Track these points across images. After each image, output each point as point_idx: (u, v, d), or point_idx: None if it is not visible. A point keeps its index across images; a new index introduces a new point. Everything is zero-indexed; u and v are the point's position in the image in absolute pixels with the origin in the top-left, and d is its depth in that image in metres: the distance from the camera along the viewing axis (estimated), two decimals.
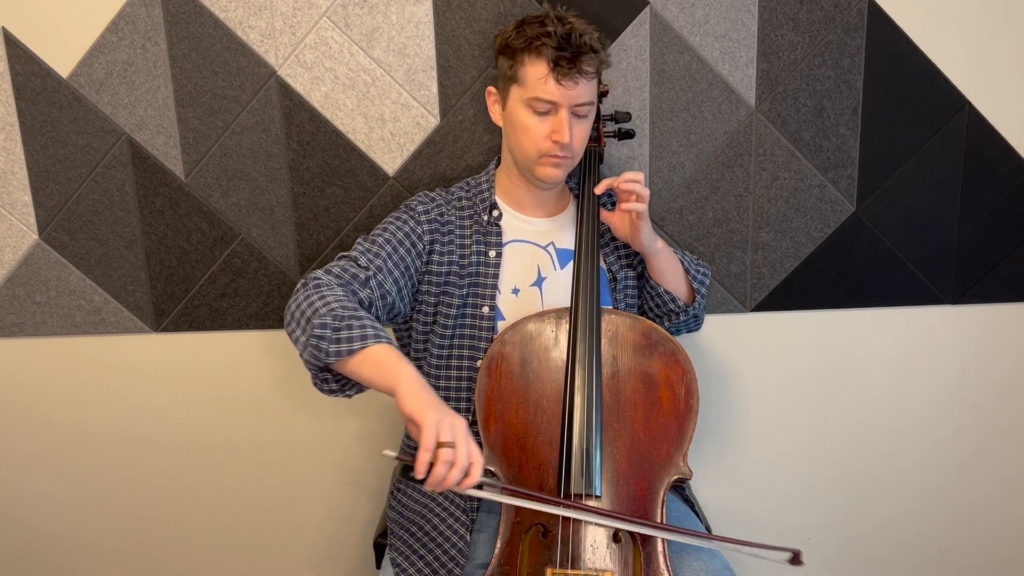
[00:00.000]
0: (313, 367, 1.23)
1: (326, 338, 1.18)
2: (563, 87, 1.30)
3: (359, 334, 1.18)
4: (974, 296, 1.78)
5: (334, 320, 1.19)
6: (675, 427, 1.31)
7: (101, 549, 1.87)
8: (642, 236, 1.40)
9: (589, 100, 1.34)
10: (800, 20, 1.62)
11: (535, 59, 1.31)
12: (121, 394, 1.77)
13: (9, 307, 1.71)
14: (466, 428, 1.12)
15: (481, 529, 1.39)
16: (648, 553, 1.24)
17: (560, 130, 1.32)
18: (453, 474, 1.08)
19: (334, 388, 1.26)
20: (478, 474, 1.10)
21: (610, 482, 1.27)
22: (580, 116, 1.34)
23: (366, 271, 1.32)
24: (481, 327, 1.40)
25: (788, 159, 1.69)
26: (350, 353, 1.18)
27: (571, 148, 1.34)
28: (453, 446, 1.08)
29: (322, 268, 1.33)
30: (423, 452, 1.07)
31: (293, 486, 1.84)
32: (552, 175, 1.38)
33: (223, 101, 1.62)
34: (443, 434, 1.08)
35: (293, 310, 1.26)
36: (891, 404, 1.84)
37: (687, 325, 1.57)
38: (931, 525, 1.92)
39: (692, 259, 1.56)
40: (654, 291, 1.48)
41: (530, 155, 1.36)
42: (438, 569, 1.33)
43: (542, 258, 1.45)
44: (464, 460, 1.08)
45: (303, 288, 1.28)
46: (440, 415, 1.10)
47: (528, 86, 1.32)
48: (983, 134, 1.69)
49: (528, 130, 1.34)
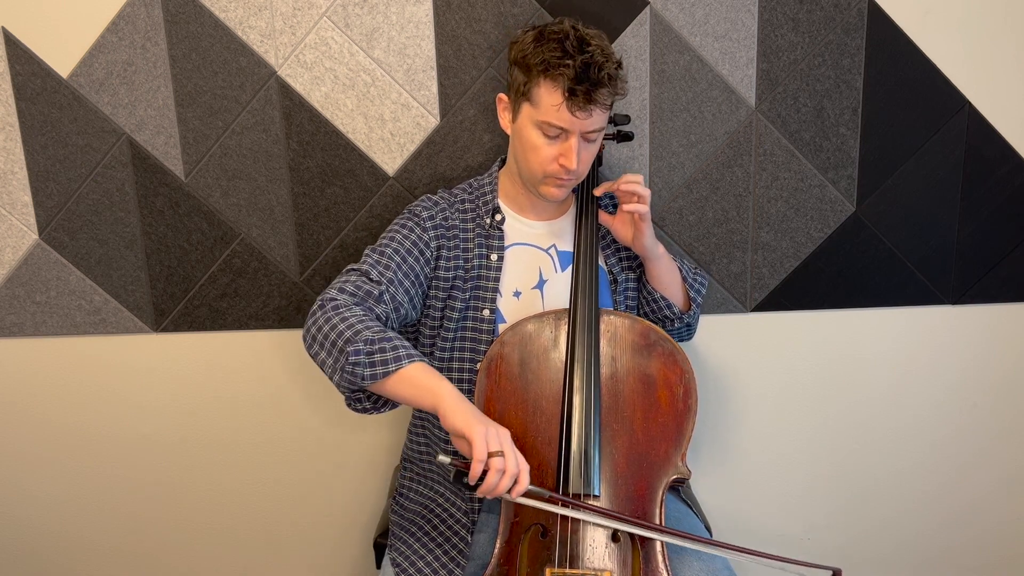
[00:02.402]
0: (346, 389, 1.23)
1: (361, 363, 1.18)
2: (576, 117, 1.28)
3: (392, 356, 1.19)
4: (974, 296, 1.78)
5: (366, 344, 1.19)
6: (674, 427, 1.31)
7: (101, 549, 1.87)
8: (644, 239, 1.40)
9: (600, 127, 1.33)
10: (800, 20, 1.62)
11: (550, 85, 1.28)
12: (121, 394, 1.77)
13: (9, 307, 1.71)
14: (510, 437, 1.16)
15: (482, 529, 1.39)
16: (647, 553, 1.24)
17: (568, 155, 1.31)
18: (504, 482, 1.13)
19: (368, 407, 1.27)
20: (526, 481, 1.15)
21: (609, 482, 1.27)
22: (589, 141, 1.34)
23: (379, 286, 1.32)
24: (482, 330, 1.40)
25: (788, 159, 1.69)
26: (385, 376, 1.19)
27: (577, 172, 1.34)
28: (502, 455, 1.13)
29: (335, 287, 1.31)
30: (476, 463, 1.12)
31: (293, 486, 1.84)
32: (555, 195, 1.38)
33: (223, 101, 1.62)
34: (492, 444, 1.13)
35: (315, 332, 1.25)
36: (891, 404, 1.84)
37: (679, 333, 1.56)
38: (931, 525, 1.92)
39: (691, 267, 1.56)
40: (651, 296, 1.49)
41: (536, 174, 1.36)
42: (438, 569, 1.33)
43: (543, 261, 1.45)
44: (514, 468, 1.14)
45: (321, 311, 1.26)
46: (487, 427, 1.13)
47: (541, 109, 1.30)
48: (983, 134, 1.69)
49: (537, 150, 1.33)
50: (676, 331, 1.55)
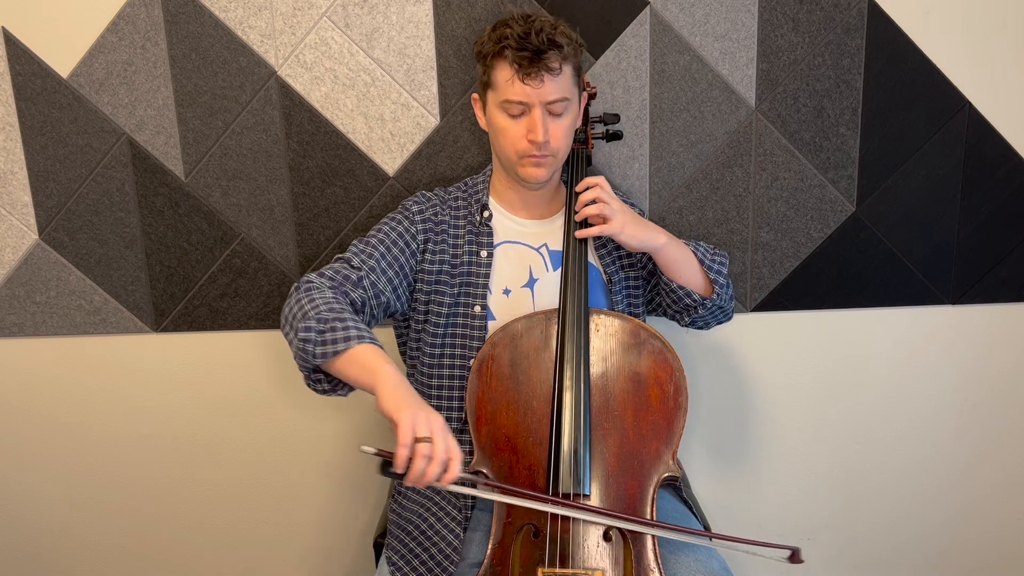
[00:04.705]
0: (304, 368, 1.25)
1: (311, 340, 1.21)
2: (529, 87, 1.30)
3: (343, 335, 1.20)
4: (974, 296, 1.78)
5: (319, 323, 1.21)
6: (664, 425, 1.31)
7: (101, 549, 1.87)
8: (624, 238, 1.38)
9: (561, 97, 1.33)
10: (800, 20, 1.62)
11: (501, 62, 1.32)
12: (121, 394, 1.77)
13: (9, 307, 1.72)
14: (443, 423, 1.13)
15: (476, 527, 1.39)
16: (639, 551, 1.24)
17: (534, 129, 1.32)
18: (432, 468, 1.09)
19: (326, 388, 1.28)
20: (457, 468, 1.11)
21: (600, 481, 1.28)
22: (555, 114, 1.35)
23: (358, 271, 1.35)
24: (472, 326, 1.41)
25: (788, 159, 1.69)
26: (335, 354, 1.20)
27: (549, 146, 1.35)
28: (431, 441, 1.09)
29: (315, 272, 1.35)
30: (400, 448, 1.09)
31: (293, 486, 1.84)
32: (534, 174, 1.38)
33: (223, 101, 1.62)
34: (420, 429, 1.10)
35: (286, 313, 1.29)
36: (891, 404, 1.84)
37: (715, 317, 1.52)
38: (931, 525, 1.92)
39: (707, 249, 1.49)
40: (667, 287, 1.45)
41: (511, 157, 1.37)
42: (432, 568, 1.33)
43: (534, 259, 1.45)
44: (442, 454, 1.10)
45: (295, 292, 1.30)
46: (415, 411, 1.11)
47: (499, 89, 1.33)
48: (983, 134, 1.69)
49: (505, 132, 1.35)
50: (710, 314, 1.50)
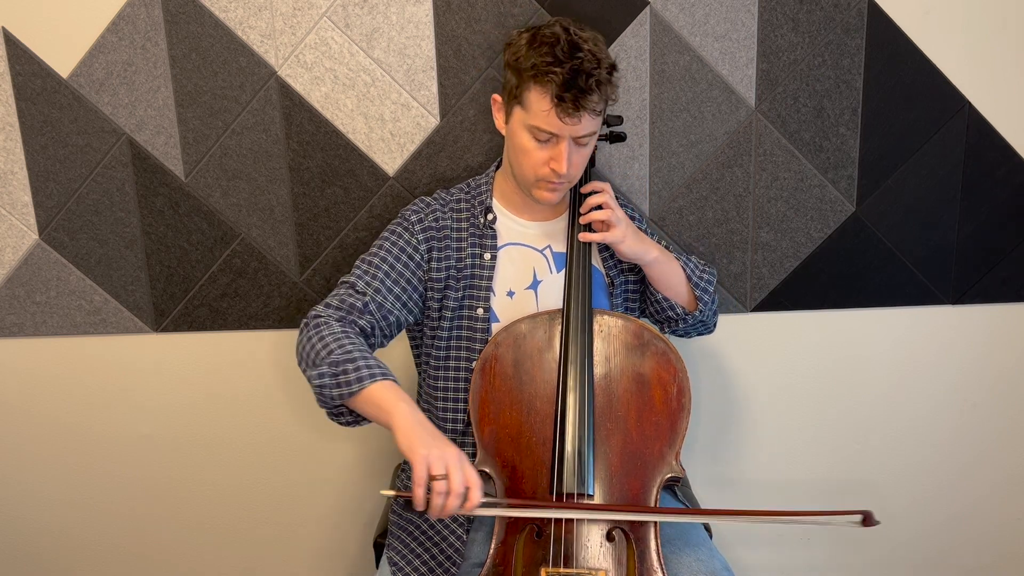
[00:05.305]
0: (324, 407, 1.28)
1: (326, 385, 1.23)
2: (565, 123, 1.27)
3: (355, 377, 1.22)
4: (974, 296, 1.78)
5: (331, 367, 1.23)
6: (667, 426, 1.31)
7: (101, 549, 1.87)
8: (623, 247, 1.39)
9: (592, 132, 1.31)
10: (800, 20, 1.62)
11: (540, 89, 1.26)
12: (121, 394, 1.77)
13: (9, 307, 1.72)
14: (458, 455, 1.15)
15: (478, 527, 1.39)
16: (642, 551, 1.24)
17: (559, 160, 1.30)
18: (451, 502, 1.13)
19: (349, 420, 1.30)
20: (477, 496, 1.14)
21: (603, 481, 1.28)
22: (581, 145, 1.32)
23: (363, 297, 1.35)
24: (476, 328, 1.41)
25: (788, 159, 1.69)
26: (351, 395, 1.23)
27: (568, 175, 1.33)
28: (446, 478, 1.12)
29: (322, 302, 1.37)
30: (416, 488, 1.13)
31: (293, 486, 1.84)
32: (548, 199, 1.37)
33: (223, 101, 1.62)
34: (434, 467, 1.12)
35: (299, 351, 1.31)
36: (891, 404, 1.84)
37: (695, 330, 1.55)
38: (931, 525, 1.92)
39: (697, 264, 1.52)
40: (652, 297, 1.49)
41: (528, 178, 1.36)
42: (434, 568, 1.33)
43: (538, 261, 1.44)
44: (459, 487, 1.13)
45: (305, 329, 1.32)
46: (428, 449, 1.14)
47: (531, 113, 1.29)
48: (983, 134, 1.69)
49: (528, 154, 1.32)
50: (692, 327, 1.53)
